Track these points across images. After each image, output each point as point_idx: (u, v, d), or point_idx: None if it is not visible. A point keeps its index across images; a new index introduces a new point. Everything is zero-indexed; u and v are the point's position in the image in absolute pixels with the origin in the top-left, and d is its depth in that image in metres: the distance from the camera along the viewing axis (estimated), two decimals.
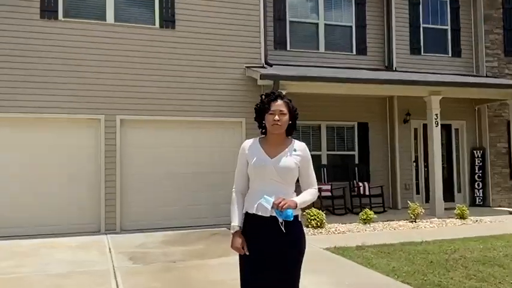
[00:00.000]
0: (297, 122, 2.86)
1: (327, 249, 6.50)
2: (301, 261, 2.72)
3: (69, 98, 8.16)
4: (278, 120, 2.69)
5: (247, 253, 2.65)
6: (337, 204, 10.20)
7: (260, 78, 8.54)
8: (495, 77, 11.84)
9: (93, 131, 8.39)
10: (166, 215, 8.68)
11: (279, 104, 2.73)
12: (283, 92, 8.96)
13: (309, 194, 2.76)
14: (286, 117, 2.73)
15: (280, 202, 2.50)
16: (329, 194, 10.15)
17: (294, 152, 2.75)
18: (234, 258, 5.85)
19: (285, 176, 2.69)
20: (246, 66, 9.21)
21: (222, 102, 9.04)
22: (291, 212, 2.51)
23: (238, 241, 2.66)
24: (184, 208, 8.84)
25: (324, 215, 8.41)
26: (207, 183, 9.01)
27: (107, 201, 8.26)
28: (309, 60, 10.84)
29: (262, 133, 2.86)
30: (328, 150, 11.14)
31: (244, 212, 2.76)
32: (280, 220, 2.56)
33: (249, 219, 2.71)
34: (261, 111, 2.77)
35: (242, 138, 9.11)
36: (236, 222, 2.70)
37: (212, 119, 9.03)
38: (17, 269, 5.52)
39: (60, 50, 8.20)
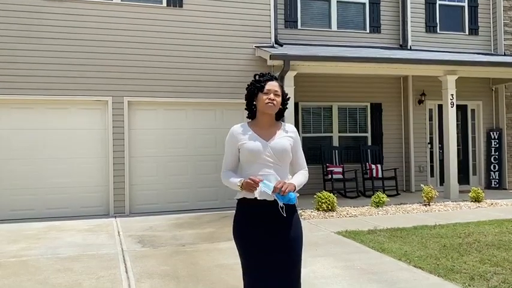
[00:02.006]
0: (309, 103, 2.73)
1: (338, 233, 6.39)
2: (302, 248, 2.63)
3: (75, 80, 8.08)
4: (273, 100, 2.60)
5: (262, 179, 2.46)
6: (349, 187, 10.06)
7: (270, 59, 8.32)
8: None
9: (100, 113, 8.32)
10: (175, 198, 8.64)
11: (274, 85, 2.65)
12: (294, 73, 8.76)
13: (303, 176, 2.69)
14: (280, 99, 2.66)
15: (282, 186, 2.41)
16: (340, 176, 10.01)
17: (286, 134, 2.68)
18: None
19: (282, 157, 2.60)
20: (255, 46, 9.00)
21: (231, 83, 8.87)
22: (293, 196, 2.44)
23: (249, 180, 2.45)
24: (193, 191, 8.79)
25: (335, 198, 8.27)
26: (217, 166, 8.89)
27: (115, 184, 8.23)
28: (321, 39, 10.56)
29: (248, 117, 2.75)
30: (340, 132, 10.94)
31: (240, 197, 2.63)
32: (281, 204, 2.45)
33: (247, 206, 2.58)
34: (255, 90, 2.66)
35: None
36: (238, 180, 2.55)
37: (221, 100, 8.88)
38: (26, 252, 5.52)
39: (66, 30, 8.09)
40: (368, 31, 11.05)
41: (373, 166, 10.38)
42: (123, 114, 8.32)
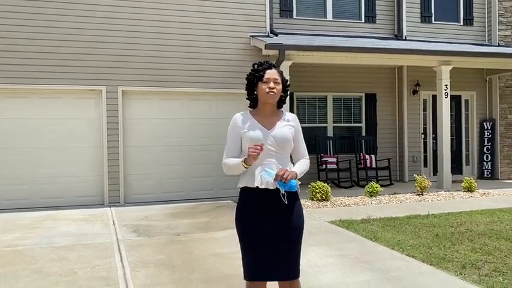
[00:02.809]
0: (303, 93, 2.75)
1: (332, 222, 6.45)
2: (302, 235, 2.67)
3: (68, 69, 8.01)
4: (273, 88, 2.60)
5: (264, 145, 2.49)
6: (343, 177, 10.12)
7: (265, 48, 8.29)
8: (508, 47, 11.47)
9: (95, 103, 8.28)
10: (170, 188, 8.65)
11: (273, 73, 2.64)
12: (289, 63, 8.74)
13: (304, 164, 2.71)
14: (280, 87, 2.65)
15: (284, 173, 2.42)
16: (335, 166, 10.06)
17: (287, 123, 2.68)
18: None
19: (284, 146, 2.62)
20: (250, 36, 8.96)
21: (226, 73, 8.84)
22: (295, 183, 2.46)
23: (253, 148, 2.46)
24: (188, 181, 8.80)
25: (329, 187, 8.32)
26: (212, 156, 8.93)
27: (110, 173, 8.23)
28: (316, 29, 10.54)
29: (250, 106, 2.76)
30: (334, 122, 10.97)
31: (242, 186, 2.66)
32: (282, 192, 2.47)
33: (249, 195, 2.61)
34: (254, 79, 2.66)
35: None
36: (239, 159, 2.56)
37: (215, 90, 8.85)
38: (21, 242, 5.52)
39: (59, 19, 8.01)
40: (363, 21, 11.03)
41: (367, 156, 10.43)
42: (118, 103, 8.28)
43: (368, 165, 10.33)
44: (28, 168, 7.93)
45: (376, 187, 8.72)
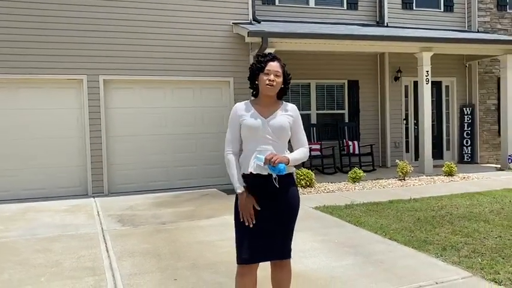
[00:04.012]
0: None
1: (317, 208, 6.53)
2: (296, 219, 2.76)
3: (48, 58, 7.85)
4: (273, 81, 2.67)
5: (259, 208, 2.62)
6: (327, 164, 10.22)
7: (248, 36, 8.25)
8: (487, 32, 11.64)
9: (75, 92, 8.15)
10: (154, 177, 8.62)
11: (275, 65, 2.70)
12: (272, 50, 8.70)
13: (301, 152, 2.77)
14: (280, 79, 2.72)
15: (272, 157, 2.52)
16: (318, 153, 10.14)
17: (286, 113, 2.76)
18: (223, 219, 5.88)
19: (279, 134, 2.69)
20: (233, 23, 8.90)
21: (208, 60, 8.79)
22: (283, 166, 2.54)
23: (249, 201, 2.61)
24: (173, 170, 8.77)
25: (313, 174, 8.41)
26: (195, 144, 8.93)
27: (93, 164, 8.15)
28: (298, 16, 10.52)
29: (252, 95, 2.83)
30: (318, 109, 11.02)
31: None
32: (274, 175, 2.58)
33: (245, 181, 2.68)
34: (256, 70, 2.72)
35: (230, 98, 8.95)
36: (239, 183, 2.66)
37: (199, 78, 8.80)
38: (4, 234, 5.46)
39: (37, 6, 7.81)
40: (345, 7, 11.04)
41: (350, 143, 10.54)
42: (99, 93, 8.17)
43: (351, 151, 10.44)
44: (9, 159, 7.79)
45: (359, 173, 8.84)
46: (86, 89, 8.08)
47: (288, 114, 2.75)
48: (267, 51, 8.23)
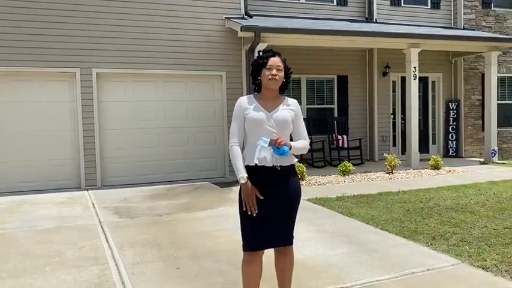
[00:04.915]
0: None
1: (309, 200, 6.69)
2: (298, 207, 2.93)
3: (41, 51, 7.84)
4: (275, 75, 2.79)
5: (261, 198, 2.73)
6: (317, 157, 10.39)
7: (241, 30, 8.33)
8: (472, 30, 11.93)
9: (68, 85, 8.15)
10: (147, 170, 8.68)
11: (276, 60, 2.83)
12: (264, 45, 8.79)
13: (302, 143, 2.91)
14: (282, 73, 2.85)
15: (277, 139, 2.67)
16: (308, 147, 10.27)
17: (288, 107, 2.89)
18: (220, 211, 6.00)
19: (282, 127, 2.81)
20: (225, 17, 8.97)
21: (201, 55, 8.86)
22: (287, 149, 2.69)
23: (252, 191, 2.73)
24: (164, 163, 8.84)
25: (304, 167, 8.57)
26: (187, 138, 9.01)
27: (86, 156, 8.17)
28: (289, 11, 10.64)
29: (255, 90, 2.95)
30: (308, 104, 11.18)
31: (244, 165, 2.83)
32: (276, 160, 2.72)
33: (249, 172, 2.79)
34: (258, 66, 2.85)
35: (223, 92, 9.04)
36: (243, 173, 2.76)
37: (191, 72, 8.86)
38: (2, 226, 5.49)
39: None
40: (335, 3, 11.18)
41: (339, 137, 10.73)
42: (92, 86, 8.18)
43: (340, 145, 10.63)
44: (2, 152, 7.77)
45: (349, 166, 9.04)
46: (79, 82, 8.09)
47: (290, 108, 2.88)
48: (259, 45, 8.41)
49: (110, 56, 8.25)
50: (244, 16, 9.20)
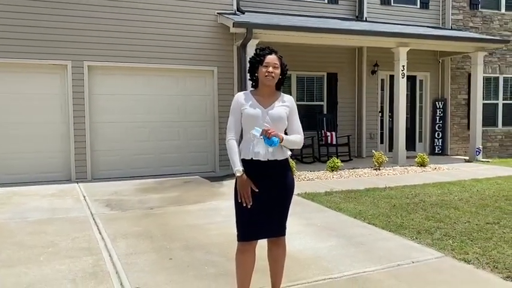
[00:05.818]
0: None
1: (298, 194, 6.80)
2: (291, 199, 3.05)
3: (32, 43, 7.81)
4: (272, 72, 2.89)
5: (256, 190, 2.83)
6: (306, 153, 10.51)
7: (233, 26, 8.40)
8: (460, 30, 12.14)
9: (60, 78, 8.15)
10: (138, 164, 8.72)
11: (273, 58, 2.93)
12: (256, 41, 8.85)
13: (295, 137, 3.01)
14: (278, 71, 2.94)
15: (268, 129, 2.78)
16: (303, 142, 10.39)
17: (283, 103, 2.99)
18: (211, 204, 6.09)
19: (278, 123, 2.91)
20: (217, 13, 9.02)
21: (193, 50, 8.90)
22: (276, 140, 2.80)
23: (247, 183, 2.82)
24: (155, 157, 8.89)
25: (294, 163, 8.67)
26: (178, 132, 9.06)
27: (76, 149, 8.19)
28: (280, 8, 10.72)
29: (252, 86, 3.04)
30: (297, 101, 11.19)
31: (240, 159, 2.92)
32: (269, 150, 2.83)
33: (245, 165, 2.89)
34: (256, 63, 2.94)
35: (214, 87, 9.11)
36: (239, 166, 2.85)
37: (183, 67, 8.90)
38: None
39: None
40: (326, 1, 11.29)
41: (328, 133, 10.87)
42: (83, 79, 8.19)
43: (329, 141, 10.78)
44: None
45: (337, 162, 9.19)
46: (70, 74, 8.09)
47: (285, 105, 2.99)
48: (251, 42, 8.49)
49: (101, 49, 8.26)
50: (237, 12, 9.25)
